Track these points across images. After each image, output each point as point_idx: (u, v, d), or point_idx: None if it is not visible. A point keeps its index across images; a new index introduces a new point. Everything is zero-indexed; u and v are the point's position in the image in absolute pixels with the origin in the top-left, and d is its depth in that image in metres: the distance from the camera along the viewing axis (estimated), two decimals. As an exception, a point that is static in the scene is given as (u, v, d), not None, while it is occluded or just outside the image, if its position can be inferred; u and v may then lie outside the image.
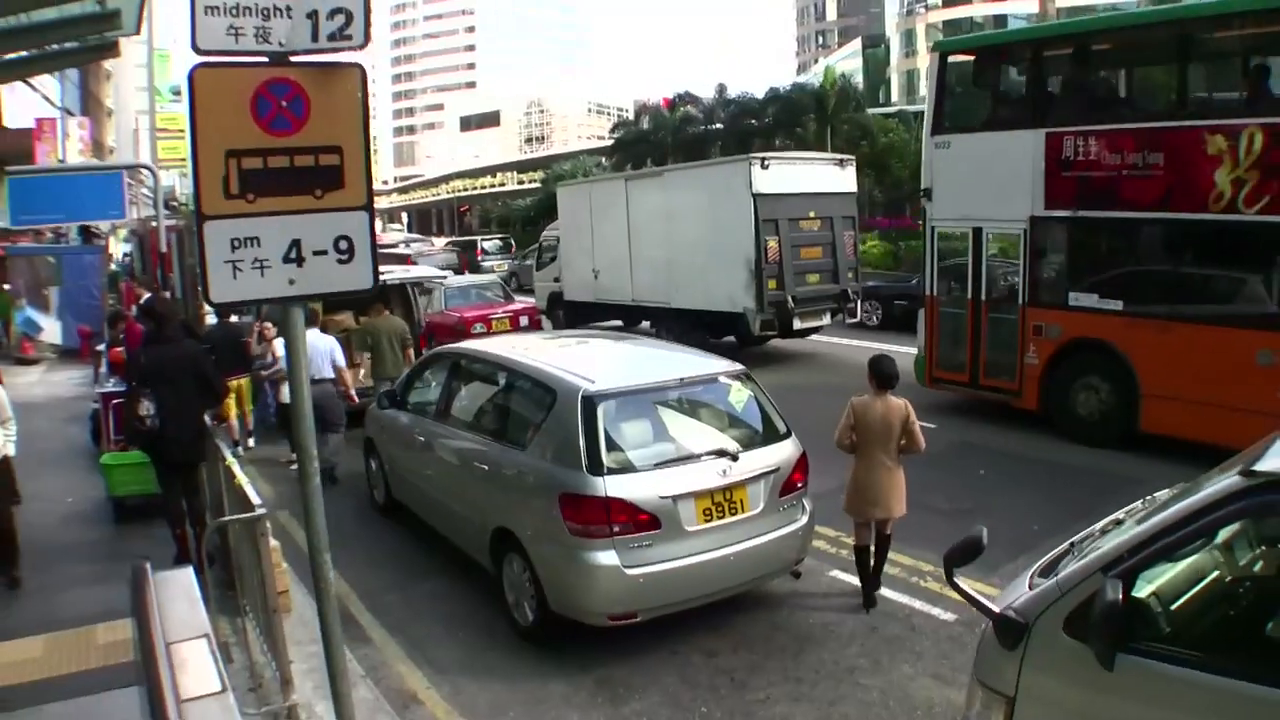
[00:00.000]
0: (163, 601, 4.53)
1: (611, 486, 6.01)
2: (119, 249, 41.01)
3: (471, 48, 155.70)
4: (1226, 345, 10.19)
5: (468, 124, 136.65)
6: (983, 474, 10.72)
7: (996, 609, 3.53)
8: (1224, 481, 3.23)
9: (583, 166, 51.20)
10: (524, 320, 18.42)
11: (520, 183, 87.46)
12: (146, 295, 14.17)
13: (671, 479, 6.20)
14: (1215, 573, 3.64)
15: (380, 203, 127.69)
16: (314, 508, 4.31)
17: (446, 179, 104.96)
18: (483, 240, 43.73)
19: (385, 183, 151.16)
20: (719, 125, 39.85)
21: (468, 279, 21.68)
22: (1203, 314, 10.65)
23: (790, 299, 16.54)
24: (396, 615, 7.46)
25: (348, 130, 3.90)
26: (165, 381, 7.44)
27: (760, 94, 38.41)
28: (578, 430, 6.18)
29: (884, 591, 7.33)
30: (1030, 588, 3.59)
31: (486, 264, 38.41)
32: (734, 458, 6.38)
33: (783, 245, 16.44)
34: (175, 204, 46.67)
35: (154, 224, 17.79)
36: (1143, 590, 3.34)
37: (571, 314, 21.63)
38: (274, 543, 6.24)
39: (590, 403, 6.27)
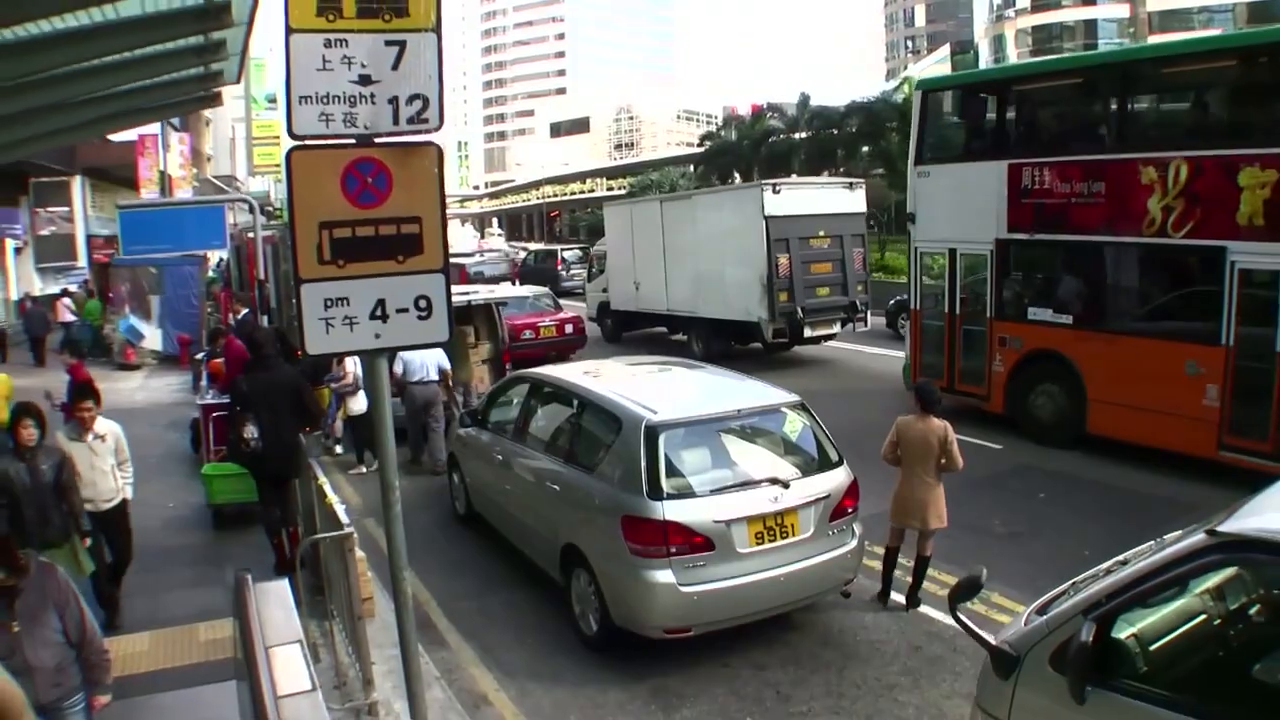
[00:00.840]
0: (262, 609, 5.22)
1: (669, 511, 6.48)
2: (216, 254, 42.72)
3: (561, 54, 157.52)
4: (1161, 357, 11.31)
5: (557, 130, 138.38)
6: (1042, 497, 10.85)
7: (994, 641, 3.90)
8: (1192, 539, 3.56)
9: (669, 177, 51.80)
10: (569, 329, 20.26)
11: (609, 189, 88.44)
12: (244, 311, 15.04)
13: (726, 504, 6.63)
14: (1192, 620, 3.95)
15: (470, 208, 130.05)
16: (395, 532, 4.84)
17: (536, 184, 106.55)
18: (563, 250, 39.42)
19: (476, 187, 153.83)
20: (802, 136, 39.95)
21: (520, 290, 22.98)
22: (1140, 328, 11.81)
23: (800, 310, 18.40)
24: (472, 622, 8.02)
25: (426, 202, 4.43)
26: (266, 406, 8.17)
27: (844, 104, 38.42)
28: (640, 457, 6.66)
29: (929, 611, 7.66)
30: (1026, 623, 3.95)
31: (569, 278, 34.93)
32: (785, 485, 6.79)
33: (793, 261, 18.37)
34: (270, 209, 48.59)
35: (249, 234, 18.83)
36: (1123, 632, 3.68)
37: (617, 322, 24.07)
38: (360, 554, 6.86)
39: (653, 432, 6.75)
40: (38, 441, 7.07)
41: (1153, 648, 3.76)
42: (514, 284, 31.36)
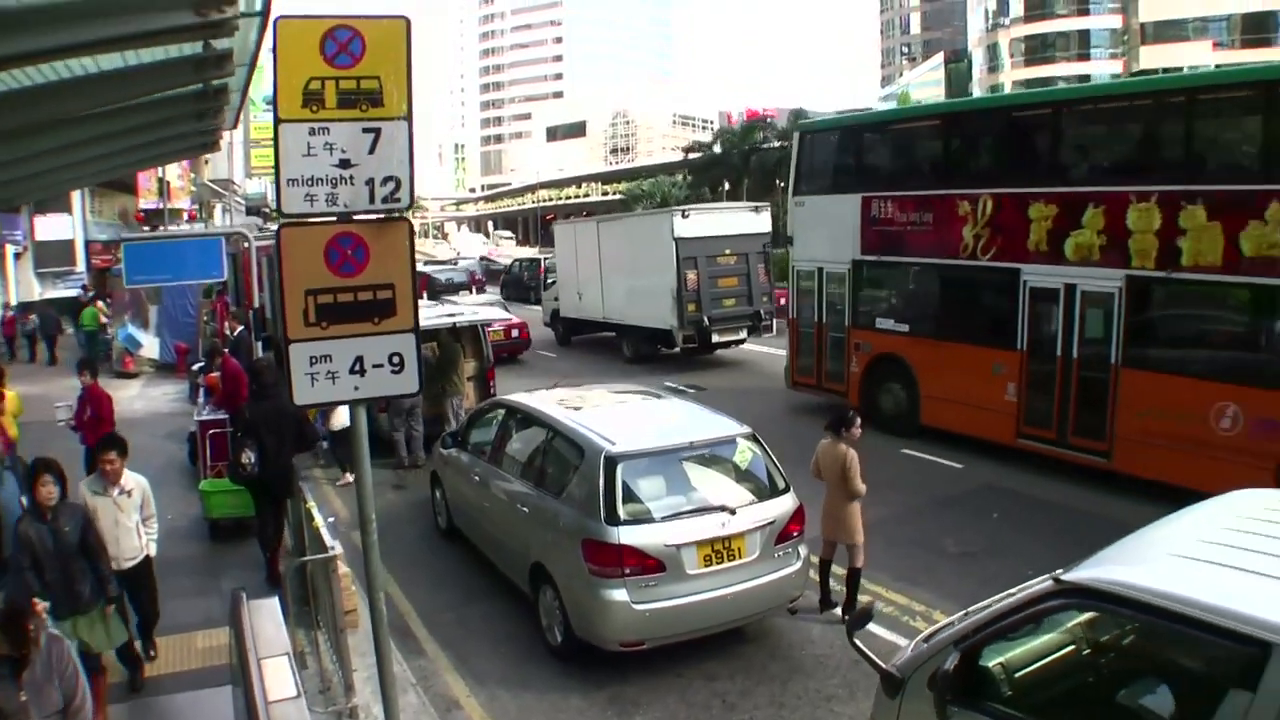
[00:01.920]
0: (255, 623, 5.86)
1: (624, 535, 7.10)
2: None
3: (559, 58, 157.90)
4: (974, 360, 13.60)
5: (554, 134, 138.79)
6: (995, 517, 11.39)
7: (884, 665, 4.51)
8: (1040, 585, 4.18)
9: (661, 186, 52.40)
10: (515, 333, 23.62)
11: (604, 194, 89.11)
12: (239, 329, 15.55)
13: (677, 529, 7.25)
14: (1063, 650, 4.56)
15: (467, 210, 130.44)
16: (372, 559, 5.43)
17: (532, 188, 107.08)
18: (548, 259, 34.97)
19: (472, 190, 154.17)
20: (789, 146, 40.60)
21: (474, 299, 26.51)
22: (959, 335, 13.96)
23: (706, 318, 21.33)
24: (449, 632, 8.64)
25: (398, 271, 5.03)
26: (268, 432, 8.84)
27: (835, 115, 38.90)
28: (599, 485, 7.28)
29: (871, 626, 8.23)
30: (913, 650, 4.56)
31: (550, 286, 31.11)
32: (733, 511, 7.40)
33: (700, 276, 21.35)
34: (266, 210, 49.25)
35: (245, 245, 19.41)
36: (991, 660, 4.29)
37: (566, 328, 27.33)
38: (344, 570, 7.47)
39: (611, 462, 7.37)
40: (58, 499, 6.62)
41: (1018, 675, 4.36)
42: (471, 292, 33.45)
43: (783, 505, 7.77)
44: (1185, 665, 4.22)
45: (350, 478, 12.86)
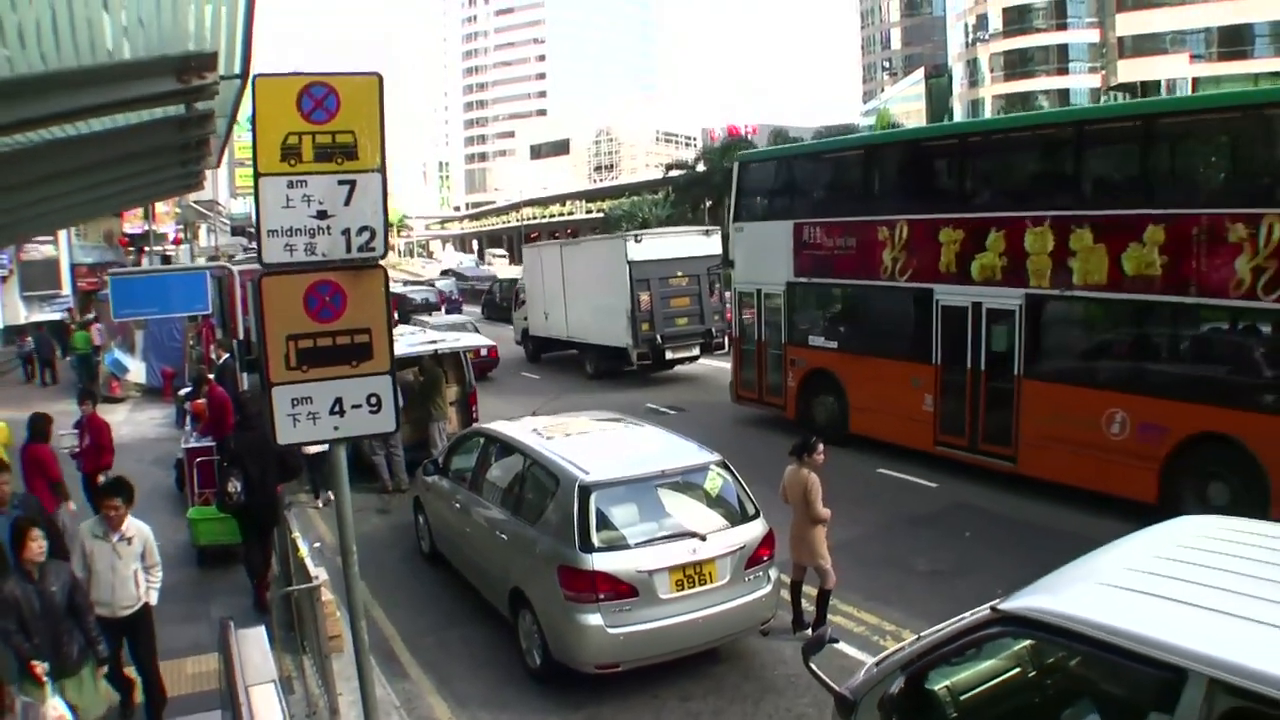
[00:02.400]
0: (243, 651, 6.10)
1: (598, 562, 7.34)
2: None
3: (543, 75, 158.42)
4: (895, 373, 14.65)
5: (538, 152, 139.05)
6: (968, 535, 11.63)
7: (837, 688, 4.76)
8: (979, 614, 4.44)
9: (643, 204, 52.78)
10: (484, 352, 23.58)
11: (588, 211, 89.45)
12: (225, 356, 15.77)
13: (649, 555, 7.49)
14: (1009, 674, 4.82)
15: (451, 229, 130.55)
16: (353, 589, 5.67)
17: (516, 206, 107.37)
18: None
19: (457, 208, 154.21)
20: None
21: (447, 318, 28.70)
22: (881, 351, 15.12)
23: (659, 337, 22.63)
24: (432, 655, 8.85)
25: (375, 316, 5.29)
26: (253, 462, 9.07)
27: (816, 133, 39.38)
28: (573, 513, 7.53)
29: (843, 647, 8.48)
30: (865, 673, 4.82)
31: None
32: (703, 538, 7.65)
33: (653, 298, 22.62)
34: (251, 230, 49.39)
35: (231, 265, 19.70)
36: (937, 684, 4.55)
37: (535, 346, 28.60)
38: (328, 596, 7.70)
39: (585, 491, 7.62)
40: (46, 557, 6.48)
41: (963, 697, 4.62)
42: (442, 311, 36.04)
43: (752, 531, 8.01)
44: (1112, 690, 4.47)
45: (321, 504, 13.13)
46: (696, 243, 23.67)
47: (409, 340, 14.60)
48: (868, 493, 13.27)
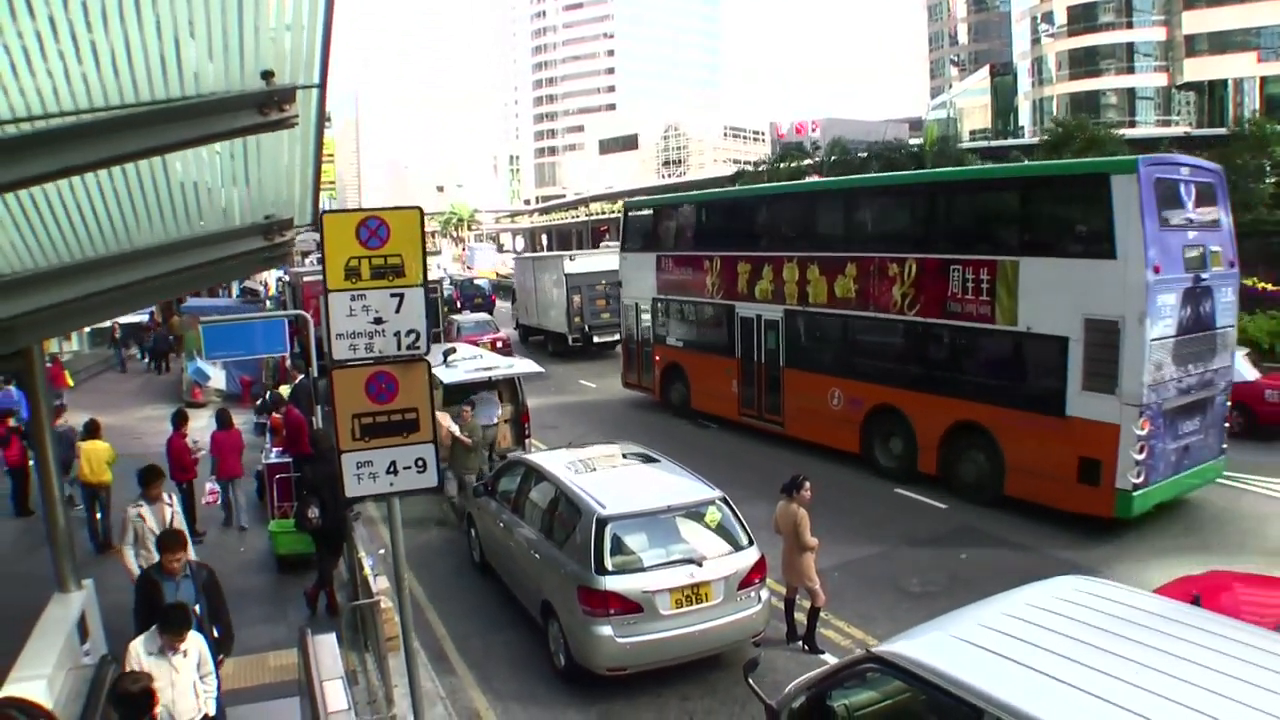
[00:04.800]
0: (318, 653, 7.62)
1: (610, 583, 8.77)
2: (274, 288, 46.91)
3: (611, 70, 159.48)
4: (715, 365, 20.75)
5: (606, 147, 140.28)
6: (963, 557, 12.69)
7: (767, 700, 6.11)
8: (857, 652, 5.72)
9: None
10: (499, 344, 30.85)
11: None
12: (300, 378, 17.43)
13: (653, 578, 8.91)
14: (887, 700, 5.95)
15: (521, 222, 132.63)
16: (404, 605, 7.15)
17: (585, 201, 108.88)
18: None
19: (527, 202, 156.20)
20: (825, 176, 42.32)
21: (473, 317, 37.65)
22: (707, 349, 21.22)
23: (588, 327, 32.93)
24: (476, 655, 10.38)
25: (420, 398, 6.73)
26: (327, 490, 10.56)
27: (865, 145, 40.39)
28: (591, 541, 8.95)
29: (829, 656, 9.77)
30: (788, 690, 6.16)
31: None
32: (699, 564, 9.03)
33: (583, 299, 32.77)
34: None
35: (306, 278, 21.23)
36: (838, 701, 5.84)
37: (522, 331, 39.02)
38: (386, 604, 9.22)
39: (602, 523, 9.04)
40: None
41: (857, 713, 5.89)
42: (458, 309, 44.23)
43: (746, 558, 9.35)
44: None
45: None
46: (615, 260, 27.45)
47: (465, 367, 16.03)
48: (882, 514, 14.48)
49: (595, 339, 32.65)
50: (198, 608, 7.71)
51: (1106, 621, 5.35)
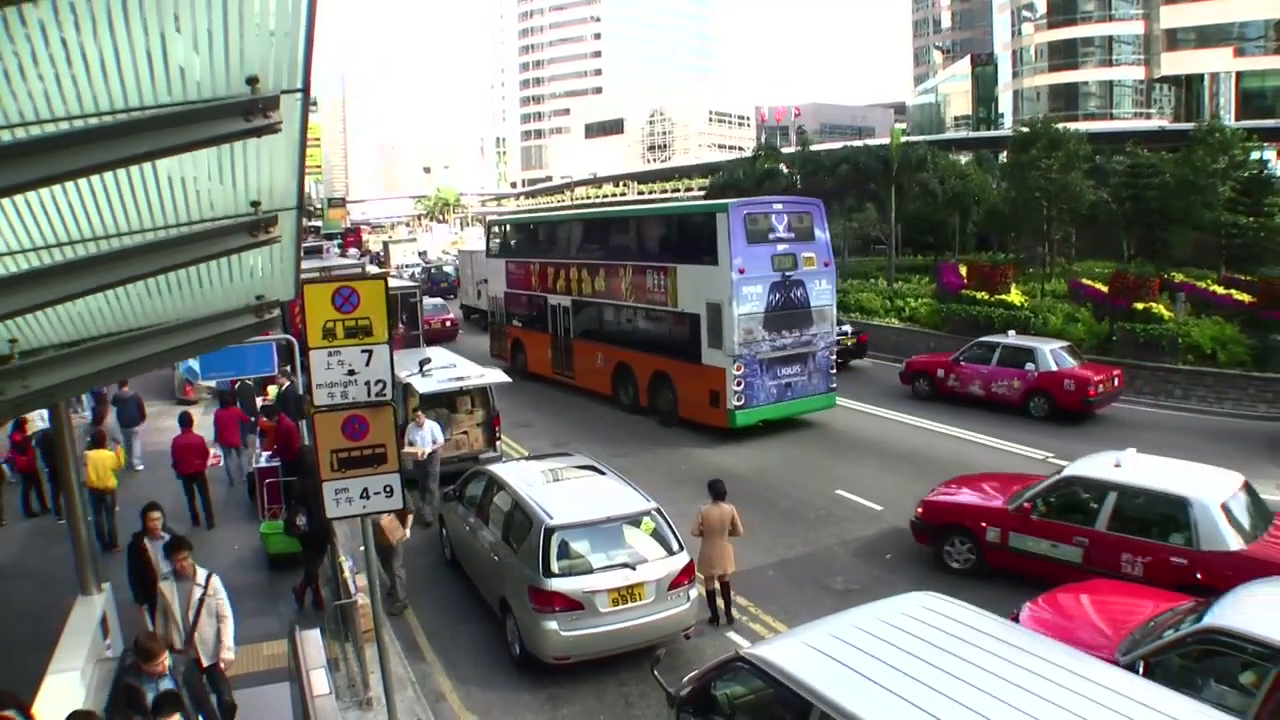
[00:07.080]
0: (304, 644, 9.00)
1: (555, 584, 10.15)
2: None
3: (598, 54, 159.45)
4: (539, 340, 28.25)
5: (592, 131, 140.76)
6: (888, 558, 13.93)
7: (668, 689, 7.52)
8: (728, 654, 7.09)
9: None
10: (448, 323, 39.44)
11: (640, 193, 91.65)
12: (286, 384, 18.62)
13: (593, 580, 10.29)
14: (750, 694, 7.23)
15: (507, 205, 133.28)
16: (375, 604, 8.51)
17: (570, 185, 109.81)
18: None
19: (514, 185, 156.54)
20: (796, 178, 43.69)
21: (431, 301, 40.63)
22: (533, 328, 28.56)
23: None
24: (445, 645, 11.76)
25: (387, 436, 8.07)
26: (312, 500, 11.82)
27: (838, 146, 41.62)
28: (539, 548, 10.33)
29: (739, 637, 11.13)
30: (684, 680, 7.55)
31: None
32: (633, 567, 10.41)
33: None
34: (311, 209, 52.36)
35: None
36: (720, 691, 7.21)
37: (464, 312, 45.78)
38: (363, 599, 10.57)
39: (549, 532, 10.41)
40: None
41: (736, 701, 7.21)
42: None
43: (676, 562, 10.71)
44: (789, 713, 6.56)
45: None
46: None
47: (440, 376, 17.33)
48: (825, 515, 15.76)
49: None
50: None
51: (939, 638, 6.54)
